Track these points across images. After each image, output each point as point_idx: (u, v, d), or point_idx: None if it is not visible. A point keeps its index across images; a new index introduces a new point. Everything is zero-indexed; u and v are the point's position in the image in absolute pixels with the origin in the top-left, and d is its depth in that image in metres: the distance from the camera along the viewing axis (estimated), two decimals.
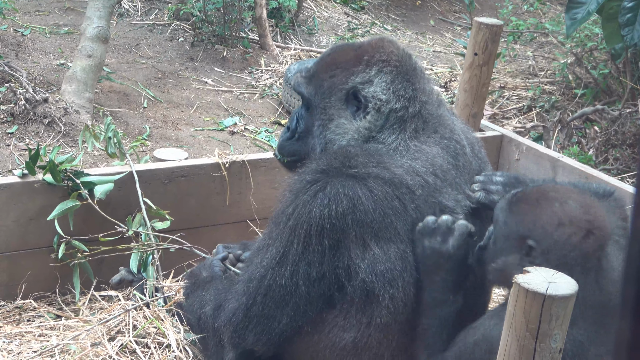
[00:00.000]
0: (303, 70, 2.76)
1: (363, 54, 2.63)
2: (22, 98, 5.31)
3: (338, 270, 2.42)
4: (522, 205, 2.34)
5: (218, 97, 6.63)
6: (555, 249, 2.25)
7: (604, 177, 3.47)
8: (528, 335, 1.89)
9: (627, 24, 4.92)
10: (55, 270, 3.22)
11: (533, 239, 2.27)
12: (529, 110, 6.81)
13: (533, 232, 2.28)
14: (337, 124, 2.61)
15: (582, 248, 2.24)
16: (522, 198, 2.37)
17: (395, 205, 2.42)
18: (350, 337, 2.46)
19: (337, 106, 2.62)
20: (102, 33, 5.73)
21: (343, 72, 2.61)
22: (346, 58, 2.64)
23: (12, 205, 3.13)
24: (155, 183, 3.36)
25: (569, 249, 2.24)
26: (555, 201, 2.31)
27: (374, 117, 2.57)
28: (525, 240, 2.29)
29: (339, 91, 2.61)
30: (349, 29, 8.51)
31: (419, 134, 2.59)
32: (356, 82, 2.59)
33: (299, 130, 2.74)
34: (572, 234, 2.25)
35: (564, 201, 2.31)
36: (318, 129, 2.65)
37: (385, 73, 2.59)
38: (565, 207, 2.29)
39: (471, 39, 3.88)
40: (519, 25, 8.45)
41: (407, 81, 2.61)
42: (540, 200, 2.32)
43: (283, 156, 2.80)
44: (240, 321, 2.53)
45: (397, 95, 2.58)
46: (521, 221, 2.31)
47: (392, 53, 2.64)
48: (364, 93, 2.58)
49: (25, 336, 3.04)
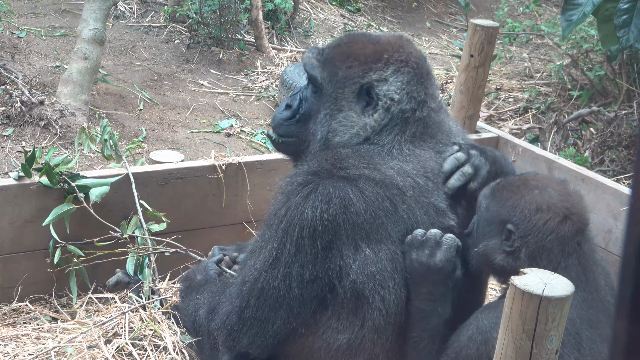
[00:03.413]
0: (315, 51, 2.69)
1: (383, 51, 2.60)
2: (18, 100, 5.31)
3: (330, 271, 2.42)
4: (504, 192, 2.45)
5: (214, 99, 6.62)
6: (533, 233, 2.36)
7: (599, 179, 3.47)
8: (524, 336, 1.89)
9: (622, 26, 4.92)
10: (51, 273, 3.22)
11: (512, 223, 2.38)
12: (525, 112, 6.81)
13: (513, 216, 2.39)
14: (345, 115, 2.59)
15: (559, 232, 2.36)
16: (505, 185, 2.48)
17: (386, 206, 2.42)
18: (345, 338, 2.46)
19: (349, 98, 2.59)
20: (98, 35, 5.73)
21: (361, 65, 2.58)
22: (365, 52, 2.61)
23: (8, 208, 3.13)
24: (151, 185, 3.35)
25: (547, 233, 2.35)
26: (535, 189, 2.43)
27: (381, 116, 2.57)
28: (505, 224, 2.40)
29: (354, 84, 2.58)
30: (345, 31, 8.51)
31: (416, 138, 2.58)
32: (373, 78, 2.57)
33: (300, 112, 2.70)
34: (549, 219, 2.36)
35: (544, 189, 2.43)
36: (325, 117, 2.61)
37: (402, 73, 2.58)
38: (544, 194, 2.41)
39: (467, 40, 3.88)
40: (515, 27, 8.47)
41: (421, 84, 2.60)
42: (521, 188, 2.44)
43: (279, 136, 2.73)
44: (235, 324, 2.53)
45: (409, 97, 2.57)
46: (502, 206, 2.42)
47: (411, 54, 2.62)
48: (377, 91, 2.57)
49: (21, 339, 3.03)
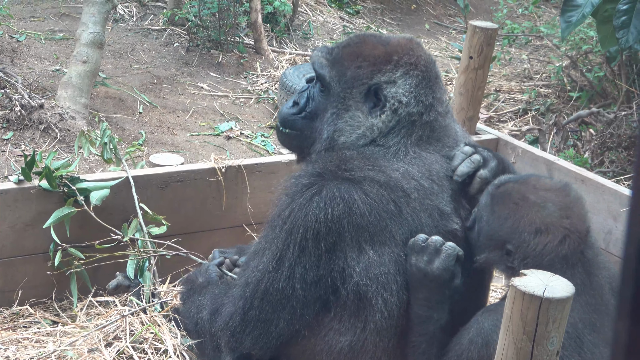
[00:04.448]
0: (324, 50, 2.70)
1: (392, 53, 2.60)
2: (18, 104, 5.31)
3: (333, 273, 2.42)
4: (503, 208, 2.43)
5: (214, 102, 6.63)
6: (532, 256, 2.36)
7: (599, 180, 3.47)
8: (525, 338, 1.89)
9: (622, 27, 4.93)
10: (51, 277, 3.21)
11: (512, 244, 2.39)
12: (525, 113, 6.81)
13: (512, 238, 2.39)
14: (352, 115, 2.59)
15: (559, 252, 2.35)
16: (504, 198, 2.45)
17: (391, 209, 2.42)
18: (347, 340, 2.46)
19: (356, 98, 2.60)
20: (98, 38, 5.73)
21: (370, 66, 2.59)
22: (375, 52, 2.61)
23: (8, 212, 3.13)
24: (151, 188, 3.35)
25: (546, 254, 2.35)
26: (534, 206, 2.40)
27: (389, 118, 2.57)
28: (505, 244, 2.41)
29: (362, 85, 2.59)
30: (344, 33, 8.51)
31: (422, 141, 2.59)
32: (381, 80, 2.58)
33: (307, 110, 2.71)
34: (549, 241, 2.36)
35: (543, 206, 2.40)
36: (331, 116, 2.62)
37: (410, 76, 2.58)
38: (543, 212, 2.39)
39: (466, 42, 3.89)
40: (514, 28, 8.47)
41: (429, 88, 2.61)
42: (520, 205, 2.42)
43: (284, 127, 2.75)
44: (238, 325, 2.53)
45: (417, 100, 2.58)
46: (502, 225, 2.42)
47: (420, 57, 2.63)
48: (385, 92, 2.57)
49: (22, 342, 3.03)
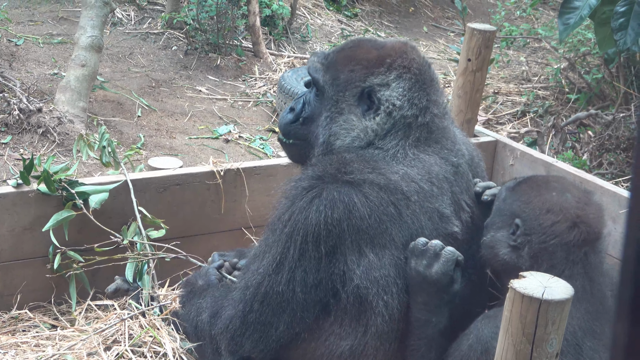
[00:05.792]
0: (320, 55, 2.73)
1: (386, 56, 2.62)
2: (16, 108, 5.31)
3: (334, 276, 2.42)
4: (524, 187, 2.45)
5: (212, 105, 6.63)
6: (538, 233, 2.35)
7: (598, 182, 3.47)
8: (524, 340, 1.89)
9: (619, 29, 4.93)
10: (50, 280, 3.21)
11: (521, 217, 2.38)
12: (523, 115, 6.82)
13: (523, 211, 2.39)
14: (346, 119, 2.60)
15: (565, 238, 2.33)
16: (528, 181, 2.48)
17: (391, 211, 2.42)
18: (347, 345, 2.46)
19: (349, 101, 2.61)
20: (96, 42, 5.73)
21: (363, 69, 2.61)
22: (368, 56, 2.63)
23: (7, 215, 3.13)
24: (150, 192, 3.35)
25: (551, 235, 2.33)
26: (554, 190, 2.41)
27: (383, 120, 2.57)
28: (514, 217, 2.40)
29: (355, 87, 2.60)
30: (342, 36, 8.52)
31: (420, 142, 2.59)
32: (374, 82, 2.59)
33: (304, 115, 2.73)
34: (557, 222, 2.34)
35: (562, 192, 2.40)
36: (325, 120, 2.63)
37: (404, 79, 2.59)
38: (561, 196, 2.38)
39: (464, 45, 3.89)
40: (512, 30, 8.47)
41: (423, 91, 2.61)
42: (542, 186, 2.43)
43: (287, 138, 2.79)
44: (238, 328, 2.53)
45: (411, 103, 2.59)
46: (516, 200, 2.42)
47: (414, 60, 2.64)
48: (379, 95, 2.58)
49: (21, 346, 3.02)
